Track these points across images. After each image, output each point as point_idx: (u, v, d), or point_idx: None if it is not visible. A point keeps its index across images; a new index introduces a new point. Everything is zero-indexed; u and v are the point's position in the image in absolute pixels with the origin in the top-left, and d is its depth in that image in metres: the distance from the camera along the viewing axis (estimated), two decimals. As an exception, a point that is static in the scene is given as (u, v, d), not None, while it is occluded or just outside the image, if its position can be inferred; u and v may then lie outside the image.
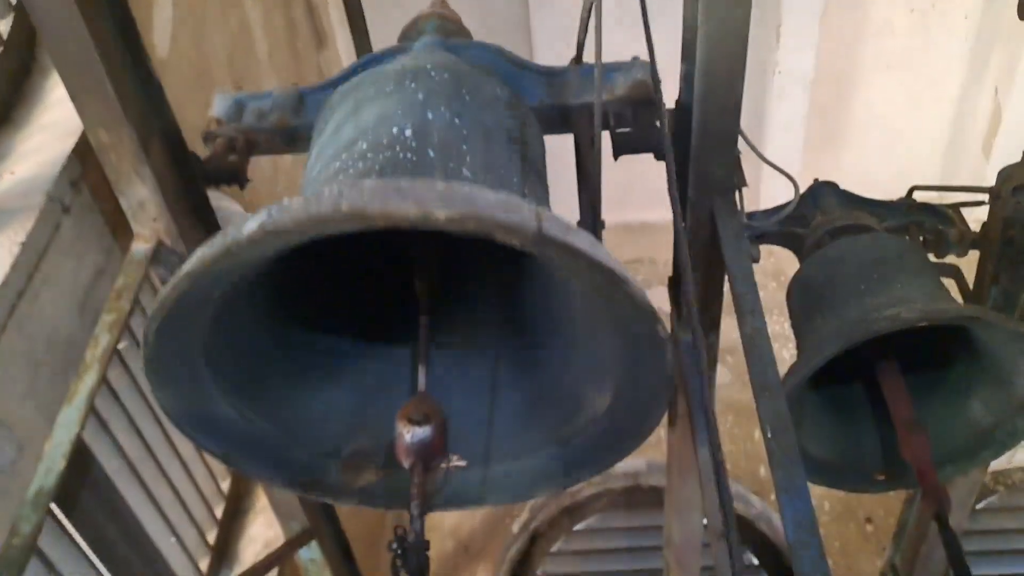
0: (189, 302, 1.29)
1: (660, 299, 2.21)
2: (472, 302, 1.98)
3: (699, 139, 1.88)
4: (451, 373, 1.87)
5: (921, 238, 2.43)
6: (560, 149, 2.29)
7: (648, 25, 2.01)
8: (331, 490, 1.78)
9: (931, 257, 2.35)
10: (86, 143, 2.19)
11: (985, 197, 2.32)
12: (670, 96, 2.08)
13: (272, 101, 2.07)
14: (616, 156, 2.05)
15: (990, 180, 2.33)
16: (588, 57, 2.04)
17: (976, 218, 2.38)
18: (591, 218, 2.18)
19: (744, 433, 4.80)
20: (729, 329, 2.12)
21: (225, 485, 3.43)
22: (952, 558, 1.96)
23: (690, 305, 1.76)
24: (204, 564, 3.14)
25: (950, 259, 2.42)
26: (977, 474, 2.80)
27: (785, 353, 4.74)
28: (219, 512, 3.34)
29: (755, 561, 4.43)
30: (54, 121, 2.35)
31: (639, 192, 4.27)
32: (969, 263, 2.39)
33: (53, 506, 1.90)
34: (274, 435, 1.71)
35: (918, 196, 2.48)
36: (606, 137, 1.97)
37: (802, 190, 2.38)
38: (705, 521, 2.68)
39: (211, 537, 3.24)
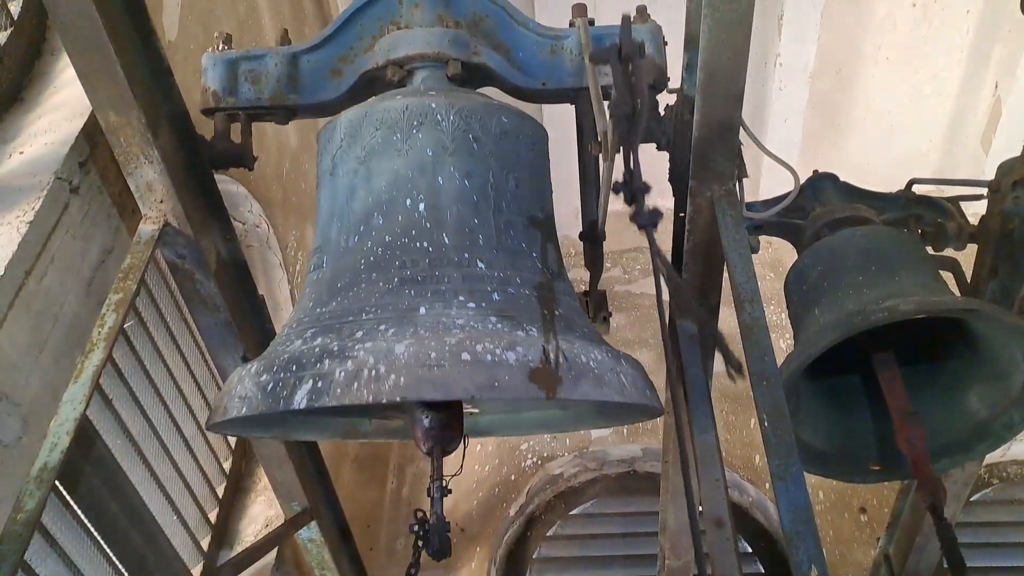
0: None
1: (661, 290, 2.23)
2: None
3: (701, 129, 1.90)
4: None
5: (920, 231, 2.44)
6: (565, 140, 2.31)
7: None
8: (366, 434, 2.05)
9: (929, 250, 2.37)
10: (95, 124, 2.20)
11: (984, 191, 2.33)
12: (672, 85, 2.10)
13: (266, 67, 2.10)
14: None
15: (989, 174, 2.34)
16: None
17: (974, 212, 2.40)
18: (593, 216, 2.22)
19: (740, 421, 4.82)
20: (727, 318, 2.14)
21: (227, 464, 3.45)
22: (946, 549, 1.99)
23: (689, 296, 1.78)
24: (205, 542, 3.17)
25: (948, 252, 2.43)
26: (972, 466, 2.83)
27: (782, 343, 4.77)
28: (220, 491, 3.36)
29: (749, 549, 4.46)
30: (64, 102, 2.37)
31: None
32: (967, 256, 2.41)
33: (56, 483, 1.92)
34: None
35: (917, 189, 2.49)
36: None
37: (802, 181, 2.40)
38: (700, 508, 2.71)
39: (212, 516, 3.27)
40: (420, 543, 1.48)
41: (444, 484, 1.51)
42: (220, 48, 2.12)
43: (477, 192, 1.73)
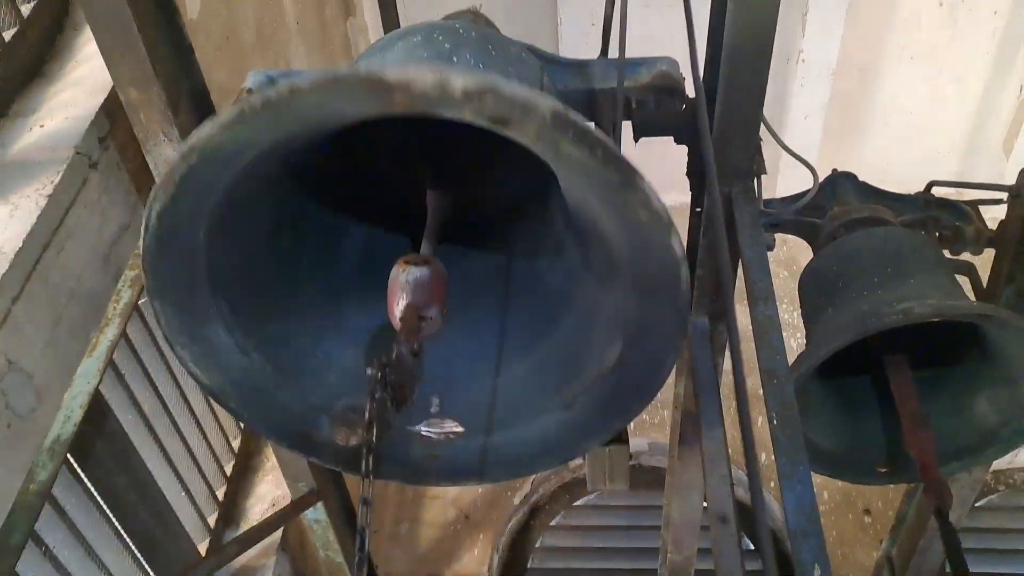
0: (197, 184, 1.20)
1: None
2: (479, 256, 1.93)
3: (721, 124, 1.89)
4: (456, 333, 1.83)
5: (937, 234, 2.43)
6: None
7: (689, 6, 1.99)
8: (318, 447, 1.68)
9: (946, 253, 2.35)
10: (115, 100, 2.21)
11: (1004, 195, 2.32)
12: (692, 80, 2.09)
13: (303, 75, 2.09)
14: (636, 139, 2.06)
15: (1009, 179, 2.32)
16: (614, 45, 2.04)
17: (993, 216, 2.38)
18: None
19: (748, 419, 4.82)
20: (739, 316, 2.13)
21: (236, 443, 3.48)
22: (950, 553, 1.98)
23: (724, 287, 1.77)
24: (212, 519, 3.19)
25: (965, 256, 2.42)
26: (979, 472, 2.82)
27: (793, 343, 4.76)
28: (229, 469, 3.39)
29: (751, 546, 4.46)
30: (84, 77, 2.37)
31: (656, 175, 4.25)
32: (984, 261, 2.40)
33: (68, 455, 1.94)
34: (269, 377, 1.63)
35: (936, 191, 2.47)
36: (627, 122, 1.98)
37: (820, 180, 2.39)
38: (705, 504, 2.71)
39: (220, 493, 3.29)
40: (377, 388, 1.29)
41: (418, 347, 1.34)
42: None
43: (495, 71, 1.62)
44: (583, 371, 1.64)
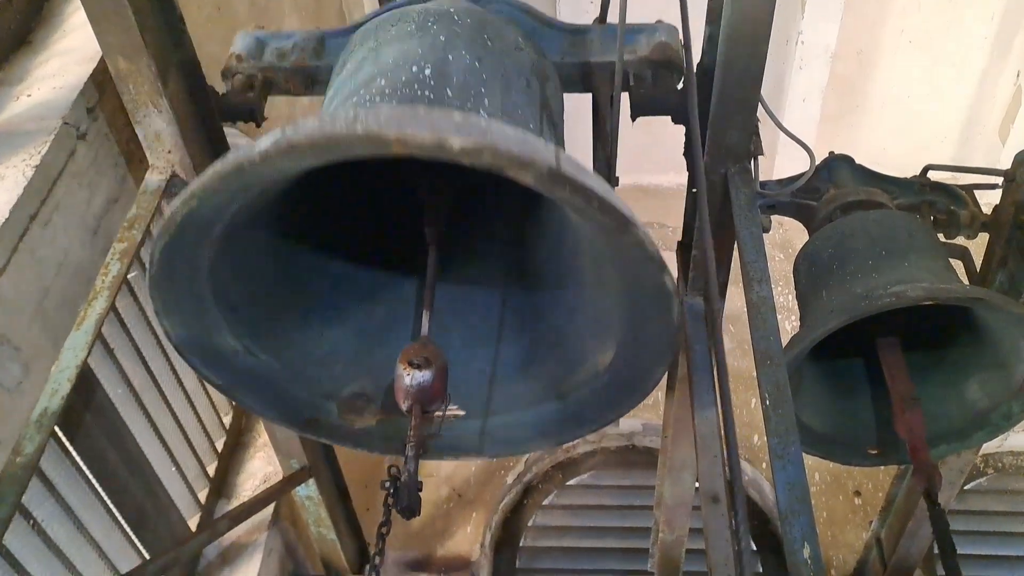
0: (198, 222, 1.26)
1: (669, 264, 2.22)
2: (480, 246, 1.97)
3: (718, 104, 1.87)
4: (455, 321, 1.87)
5: (932, 217, 2.42)
6: (577, 110, 2.29)
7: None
8: (329, 431, 1.79)
9: (941, 237, 2.35)
10: (104, 70, 2.18)
11: (999, 180, 2.31)
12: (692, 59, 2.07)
13: (293, 42, 2.07)
14: (634, 118, 2.05)
15: (1005, 164, 2.32)
16: (612, 17, 2.02)
17: (988, 201, 2.38)
18: (606, 176, 2.18)
19: (740, 401, 4.83)
20: (733, 297, 2.13)
21: (227, 419, 3.47)
22: (939, 535, 2.00)
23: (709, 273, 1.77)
24: (203, 495, 3.19)
25: (959, 240, 2.42)
26: (968, 455, 2.83)
27: (787, 325, 4.76)
28: (220, 445, 3.38)
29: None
30: (73, 46, 2.34)
31: (653, 155, 4.25)
32: (978, 246, 2.39)
33: (56, 429, 1.93)
34: (277, 372, 1.72)
35: (932, 175, 2.47)
36: (624, 98, 1.97)
37: (817, 162, 2.38)
38: (697, 484, 2.72)
39: (211, 469, 3.29)
40: (390, 500, 1.48)
41: (421, 443, 1.50)
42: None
43: (487, 72, 1.64)
44: (576, 369, 1.71)
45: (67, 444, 2.33)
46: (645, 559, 3.82)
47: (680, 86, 2.06)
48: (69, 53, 2.32)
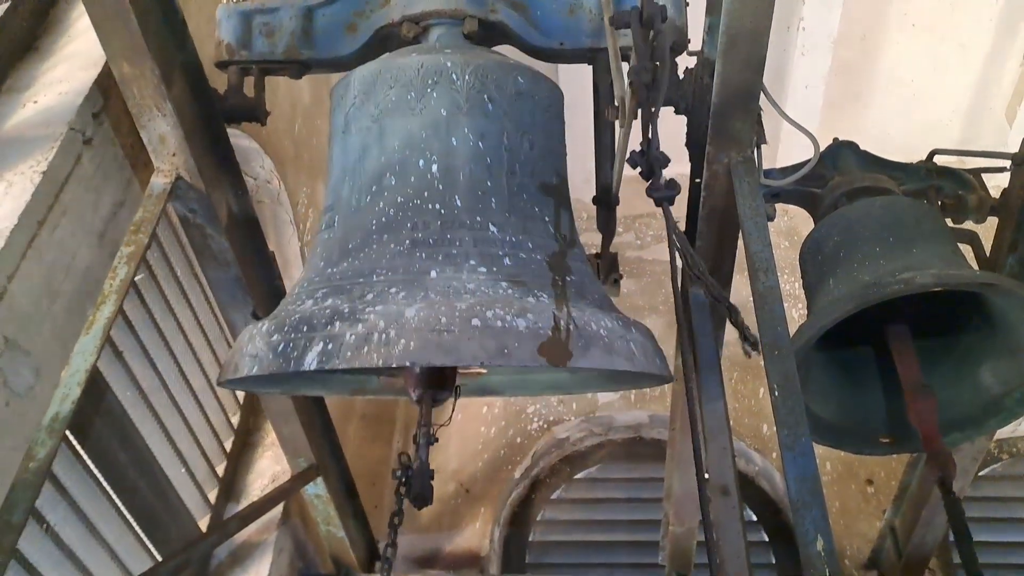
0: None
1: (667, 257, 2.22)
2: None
3: (720, 93, 1.87)
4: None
5: (940, 202, 2.41)
6: (578, 101, 2.28)
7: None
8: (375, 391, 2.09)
9: (949, 222, 2.34)
10: (109, 74, 2.18)
11: (1007, 163, 2.30)
12: (693, 47, 2.06)
13: (280, 20, 2.08)
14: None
15: (1013, 146, 2.31)
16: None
17: (996, 184, 2.36)
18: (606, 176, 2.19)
19: (749, 390, 4.82)
20: (740, 287, 2.12)
21: (235, 419, 3.48)
22: (954, 523, 1.98)
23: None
24: (212, 495, 3.20)
25: (968, 225, 2.40)
26: (982, 441, 2.82)
27: (795, 313, 4.75)
28: (228, 445, 3.39)
29: (754, 518, 4.48)
30: (78, 50, 2.34)
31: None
32: (987, 230, 2.38)
33: (67, 432, 1.93)
34: None
35: (939, 160, 2.46)
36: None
37: (821, 149, 2.37)
38: (707, 476, 2.71)
39: (220, 469, 3.30)
40: (402, 489, 1.49)
41: (432, 432, 1.51)
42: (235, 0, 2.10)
43: (491, 154, 1.72)
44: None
45: (79, 448, 2.34)
46: (656, 552, 3.82)
47: (681, 76, 2.05)
48: (74, 58, 2.32)
